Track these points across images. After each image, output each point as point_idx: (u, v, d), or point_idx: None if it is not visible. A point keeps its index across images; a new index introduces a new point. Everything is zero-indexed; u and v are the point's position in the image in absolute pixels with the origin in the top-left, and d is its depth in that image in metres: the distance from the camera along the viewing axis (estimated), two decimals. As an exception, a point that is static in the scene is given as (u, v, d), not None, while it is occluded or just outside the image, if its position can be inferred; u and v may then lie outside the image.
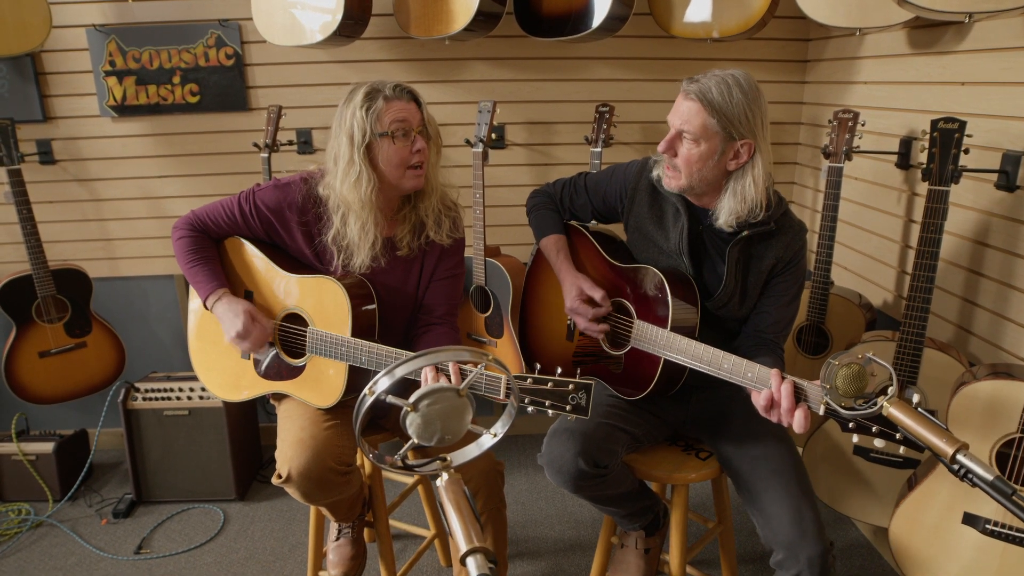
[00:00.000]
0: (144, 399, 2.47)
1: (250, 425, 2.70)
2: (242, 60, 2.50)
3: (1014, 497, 0.80)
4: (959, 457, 0.87)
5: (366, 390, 0.77)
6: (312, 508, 1.94)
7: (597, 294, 1.64)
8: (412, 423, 0.76)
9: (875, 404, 1.00)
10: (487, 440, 0.81)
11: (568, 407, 1.24)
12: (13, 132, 2.32)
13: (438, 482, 0.75)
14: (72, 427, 2.69)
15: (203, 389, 2.48)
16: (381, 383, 0.75)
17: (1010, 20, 1.60)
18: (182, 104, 2.53)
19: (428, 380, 1.33)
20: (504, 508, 1.70)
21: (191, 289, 1.75)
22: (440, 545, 2.23)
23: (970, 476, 0.85)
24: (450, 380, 1.36)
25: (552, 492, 2.59)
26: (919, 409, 0.95)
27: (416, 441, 0.76)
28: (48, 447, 2.54)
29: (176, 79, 2.50)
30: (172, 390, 2.48)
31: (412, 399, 0.76)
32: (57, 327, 2.52)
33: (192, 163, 2.62)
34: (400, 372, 0.76)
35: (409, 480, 2.16)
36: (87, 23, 2.43)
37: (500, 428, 0.82)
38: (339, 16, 2.09)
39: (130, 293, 2.77)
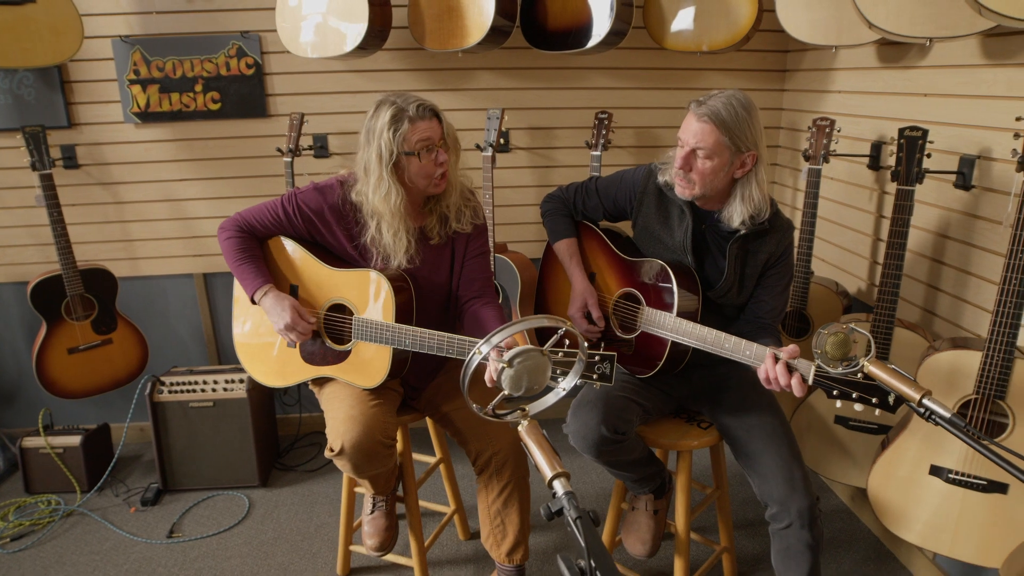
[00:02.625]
0: (170, 392, 2.60)
1: (269, 416, 2.85)
2: (262, 69, 2.65)
3: (966, 429, 1.02)
4: (924, 401, 1.09)
5: (475, 350, 0.95)
6: (344, 489, 2.11)
7: (596, 313, 1.88)
8: (506, 377, 0.94)
9: (857, 363, 1.22)
10: (559, 393, 1.00)
11: (595, 375, 1.43)
12: (44, 138, 2.43)
13: (520, 428, 0.94)
14: (91, 422, 2.78)
15: (227, 381, 2.62)
16: (484, 348, 0.94)
17: (965, 42, 1.84)
18: (204, 111, 2.67)
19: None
20: (528, 477, 1.88)
21: (236, 285, 1.91)
22: (459, 520, 2.40)
23: (933, 416, 1.06)
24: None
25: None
26: (891, 366, 1.17)
27: (507, 392, 0.95)
28: (75, 440, 2.65)
29: (198, 87, 2.64)
30: (197, 383, 2.62)
31: (507, 357, 0.94)
32: (85, 324, 2.63)
33: (212, 167, 2.75)
34: (496, 340, 0.95)
35: (431, 460, 2.33)
36: (113, 34, 2.56)
37: (568, 383, 1.01)
38: (363, 31, 2.25)
39: (150, 292, 2.89)
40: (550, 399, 0.99)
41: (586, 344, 1.20)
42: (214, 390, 2.62)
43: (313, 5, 2.34)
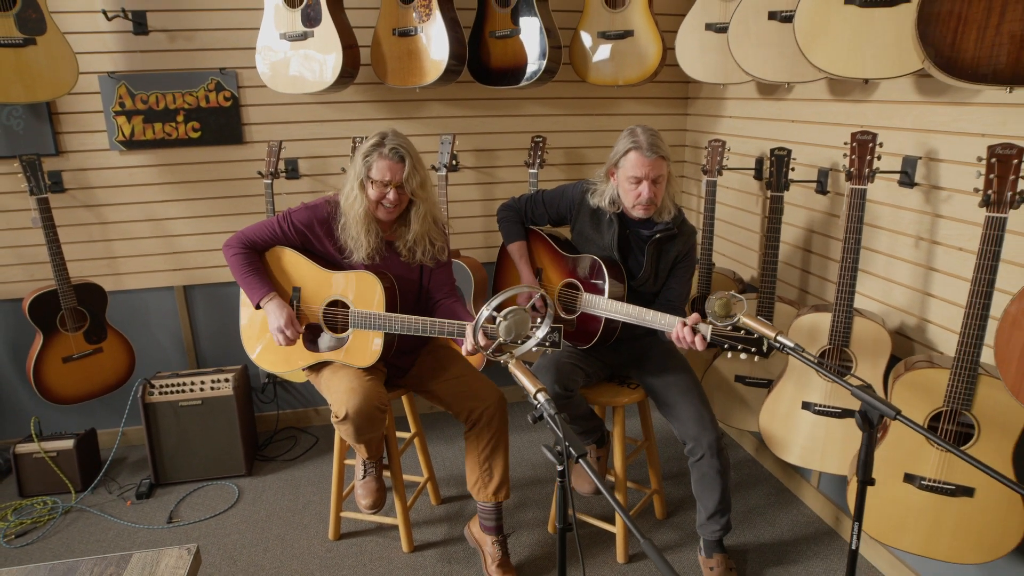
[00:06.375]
0: (160, 393, 2.87)
1: (250, 412, 3.14)
2: (238, 102, 2.97)
3: (803, 354, 1.52)
4: (778, 337, 1.59)
5: (482, 309, 1.37)
6: (335, 462, 2.46)
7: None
8: (502, 328, 1.36)
9: (736, 317, 1.72)
10: (534, 340, 1.43)
11: (548, 343, 1.87)
12: (40, 165, 2.68)
13: (509, 365, 1.35)
14: (75, 429, 2.99)
15: (213, 382, 2.91)
16: (488, 308, 1.36)
17: (815, 84, 2.42)
18: (185, 139, 2.97)
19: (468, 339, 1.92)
20: (507, 427, 2.27)
21: (242, 292, 2.25)
22: (431, 487, 2.79)
23: (785, 348, 1.56)
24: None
25: (510, 444, 3.21)
26: (758, 317, 1.67)
27: (501, 339, 1.37)
28: (69, 444, 2.87)
29: (180, 118, 2.94)
30: (185, 384, 2.89)
31: (502, 313, 1.37)
32: (78, 335, 2.86)
33: (193, 189, 3.05)
34: (495, 303, 1.37)
35: (407, 435, 2.71)
36: (100, 70, 2.83)
37: (540, 333, 1.44)
38: (338, 71, 2.64)
39: (132, 304, 3.14)
40: (531, 343, 1.42)
41: (553, 304, 1.61)
42: (201, 390, 2.90)
43: (292, 48, 2.71)
